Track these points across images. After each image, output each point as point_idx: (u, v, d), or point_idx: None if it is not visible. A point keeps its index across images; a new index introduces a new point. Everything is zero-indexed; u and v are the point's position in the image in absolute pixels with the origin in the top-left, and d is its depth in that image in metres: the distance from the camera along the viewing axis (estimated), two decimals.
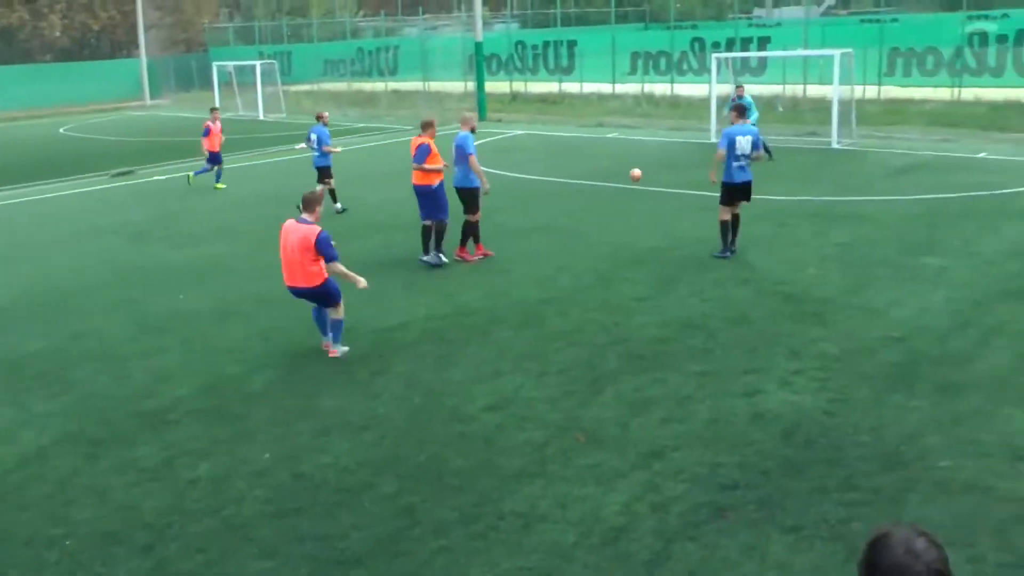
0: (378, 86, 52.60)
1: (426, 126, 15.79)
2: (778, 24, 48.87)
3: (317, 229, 11.02)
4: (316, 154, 20.67)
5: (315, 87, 54.89)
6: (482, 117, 38.63)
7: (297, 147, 24.46)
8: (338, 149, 21.93)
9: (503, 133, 34.53)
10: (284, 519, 7.68)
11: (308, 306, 11.76)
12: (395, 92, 50.84)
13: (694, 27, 44.74)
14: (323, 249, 10.96)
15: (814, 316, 12.24)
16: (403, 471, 8.42)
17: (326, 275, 11.14)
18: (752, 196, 15.69)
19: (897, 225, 17.16)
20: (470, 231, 15.94)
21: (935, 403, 9.45)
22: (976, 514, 7.33)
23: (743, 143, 15.20)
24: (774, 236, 16.58)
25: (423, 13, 57.70)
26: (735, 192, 15.45)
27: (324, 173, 20.62)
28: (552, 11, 51.70)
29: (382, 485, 8.17)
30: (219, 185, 24.57)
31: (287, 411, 9.89)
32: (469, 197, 15.77)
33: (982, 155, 25.15)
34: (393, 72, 53.15)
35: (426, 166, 15.51)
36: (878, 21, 39.03)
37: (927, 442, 8.60)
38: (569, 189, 22.02)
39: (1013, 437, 8.65)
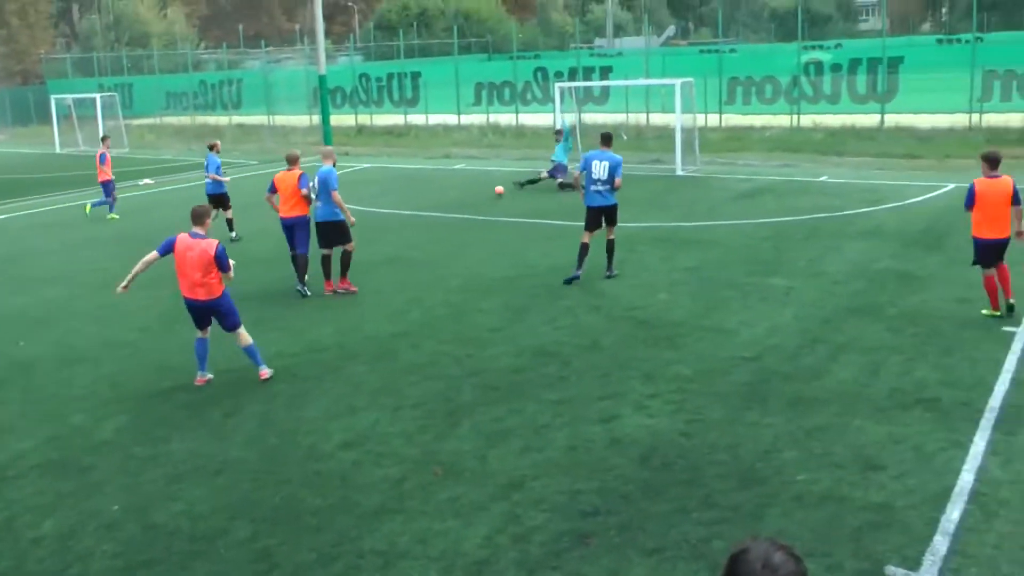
0: (222, 120, 51.81)
1: (294, 160, 16.22)
2: (619, 54, 49.82)
3: (215, 242, 11.26)
4: (209, 183, 21.19)
5: (158, 121, 53.77)
6: None
7: (142, 183, 23.93)
8: (226, 179, 21.89)
9: (350, 166, 34.33)
10: (135, 573, 7.42)
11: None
12: (239, 126, 50.13)
13: (537, 57, 45.32)
14: (222, 262, 11.23)
15: (666, 340, 12.48)
16: (259, 514, 8.25)
17: (224, 286, 11.49)
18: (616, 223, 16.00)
19: (744, 248, 17.65)
20: (348, 260, 15.93)
21: (789, 419, 9.73)
22: (832, 524, 7.58)
23: (598, 168, 15.48)
24: (623, 262, 16.83)
25: (266, 46, 57.10)
26: (588, 215, 15.75)
27: (218, 200, 20.92)
28: (395, 43, 51.73)
29: (238, 530, 7.99)
30: (113, 216, 24.24)
31: (137, 459, 9.59)
32: (335, 230, 15.78)
33: (823, 179, 26.11)
34: (237, 106, 52.44)
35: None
36: (717, 51, 40.19)
37: (783, 457, 8.86)
38: (418, 221, 22.01)
39: (865, 448, 8.97)
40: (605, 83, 38.48)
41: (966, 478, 8.28)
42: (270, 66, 55.76)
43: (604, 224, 15.89)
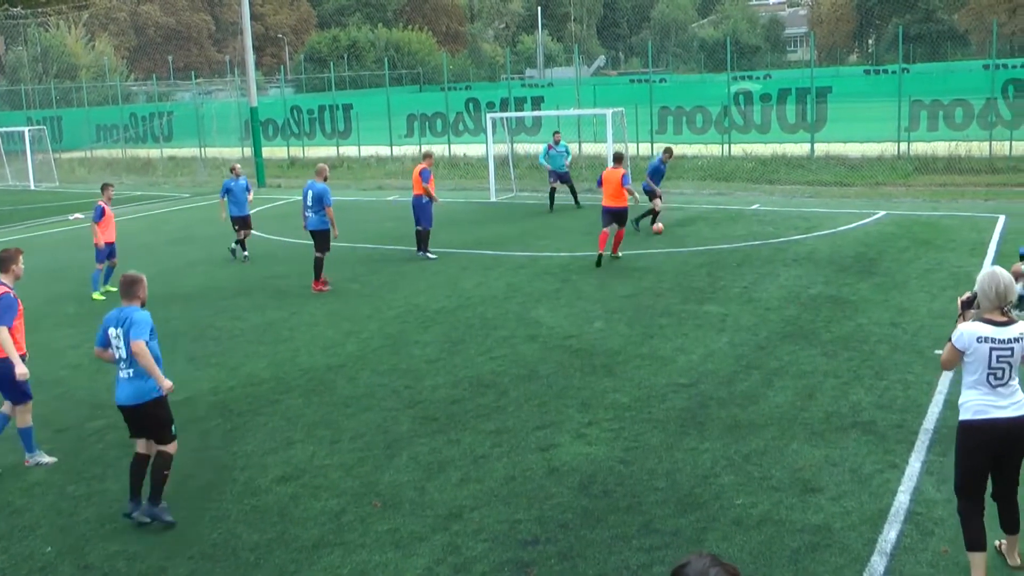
0: (153, 153, 51.14)
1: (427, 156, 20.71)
2: (551, 84, 50.29)
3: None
4: (232, 206, 21.72)
5: (88, 154, 52.98)
6: (261, 183, 38.17)
7: (71, 217, 23.56)
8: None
9: (283, 199, 34.13)
10: None
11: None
12: (171, 158, 49.61)
13: (468, 88, 45.54)
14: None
15: (603, 368, 12.51)
16: (196, 551, 8.11)
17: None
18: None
19: (679, 275, 17.79)
20: (321, 265, 18.22)
21: (726, 444, 9.80)
22: (772, 547, 7.64)
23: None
24: (559, 291, 16.90)
25: (196, 77, 56.71)
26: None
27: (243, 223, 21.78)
28: (326, 75, 51.64)
29: (174, 568, 7.84)
30: (108, 288, 18.64)
31: (71, 498, 9.39)
32: (323, 238, 18.22)
33: (755, 207, 26.40)
34: (168, 138, 51.84)
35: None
36: (647, 81, 40.65)
37: (721, 482, 8.91)
38: (353, 253, 21.91)
39: (802, 471, 9.06)
40: (537, 113, 38.66)
41: (902, 499, 8.41)
42: (201, 98, 55.30)
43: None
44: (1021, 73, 34.71)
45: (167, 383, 8.61)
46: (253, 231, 22.51)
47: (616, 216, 19.46)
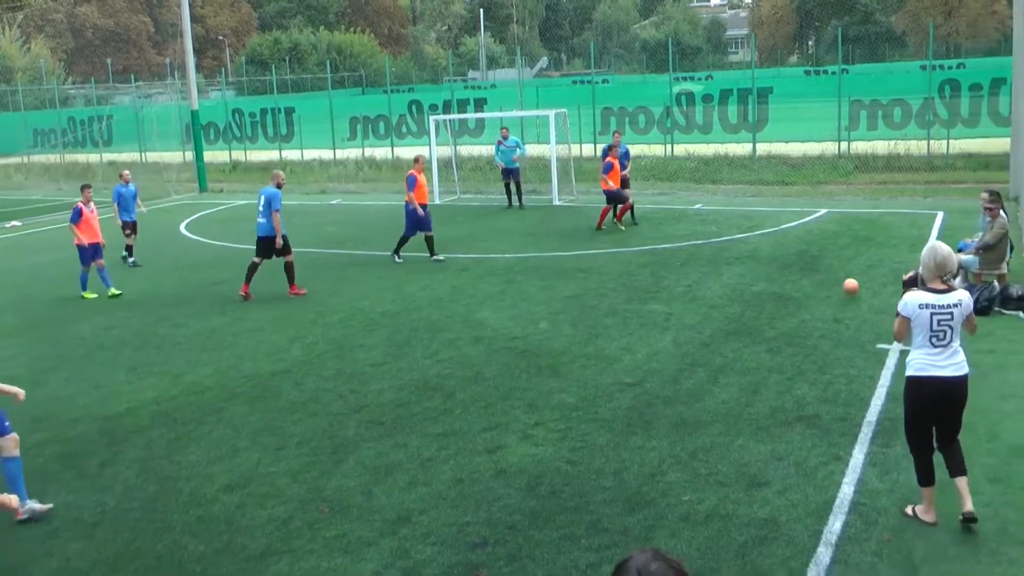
0: (93, 157, 50.42)
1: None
2: (493, 86, 50.25)
3: None
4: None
5: (25, 159, 52.17)
6: (203, 188, 37.87)
7: (8, 225, 23.16)
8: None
9: (226, 203, 33.85)
10: None
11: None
12: (111, 163, 48.91)
13: (411, 90, 45.41)
14: None
15: (549, 368, 12.53)
16: (141, 564, 8.00)
17: None
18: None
19: (623, 275, 17.86)
20: (291, 269, 18.06)
21: (673, 441, 9.86)
22: (719, 541, 7.70)
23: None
24: (503, 293, 16.90)
25: (135, 80, 56.03)
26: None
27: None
28: (268, 78, 51.29)
29: None
30: (114, 291, 18.61)
31: (7, 515, 9.23)
32: (269, 245, 17.91)
33: (697, 206, 26.60)
34: (108, 143, 51.13)
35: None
36: (590, 82, 40.74)
37: (668, 479, 8.96)
38: (297, 258, 21.74)
39: (748, 466, 9.16)
40: (480, 115, 38.65)
41: (846, 490, 8.54)
42: (141, 101, 54.61)
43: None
44: (957, 74, 35.23)
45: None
46: (192, 235, 22.27)
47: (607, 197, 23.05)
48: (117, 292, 18.37)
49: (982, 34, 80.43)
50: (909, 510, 8.01)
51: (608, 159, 22.99)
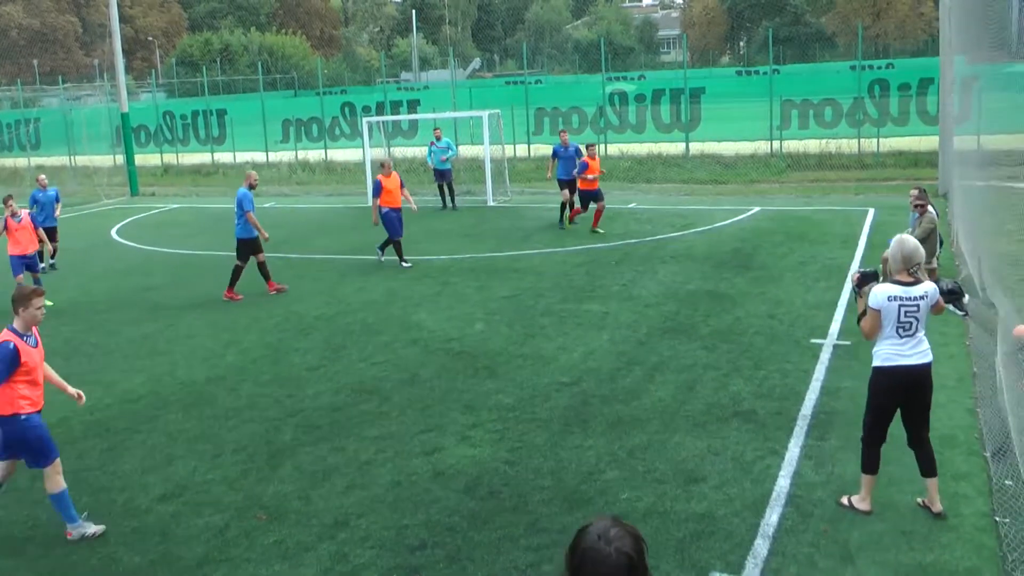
0: (20, 162, 49.26)
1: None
2: (426, 87, 50.20)
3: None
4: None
5: None
6: (134, 192, 37.37)
7: None
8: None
9: (157, 207, 33.38)
10: None
11: None
12: (40, 168, 47.99)
13: (344, 92, 45.16)
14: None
15: (486, 369, 12.52)
16: None
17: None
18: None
19: (558, 275, 17.89)
20: (265, 267, 18.11)
21: (610, 440, 9.91)
22: (657, 537, 7.75)
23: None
24: (439, 294, 16.86)
25: (63, 82, 55.09)
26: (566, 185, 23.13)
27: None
28: (199, 79, 50.72)
29: None
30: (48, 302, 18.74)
31: None
32: (246, 246, 17.91)
33: (632, 205, 26.73)
34: (36, 146, 50.15)
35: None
36: (523, 83, 40.80)
37: (606, 477, 9.01)
38: (230, 262, 21.52)
39: (685, 463, 9.24)
40: (413, 116, 38.56)
41: (783, 483, 8.65)
42: (70, 104, 53.67)
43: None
44: (886, 74, 35.83)
45: None
46: (124, 240, 21.95)
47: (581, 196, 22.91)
48: (48, 303, 17.99)
49: (910, 35, 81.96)
50: (845, 500, 8.16)
51: (584, 159, 22.78)
